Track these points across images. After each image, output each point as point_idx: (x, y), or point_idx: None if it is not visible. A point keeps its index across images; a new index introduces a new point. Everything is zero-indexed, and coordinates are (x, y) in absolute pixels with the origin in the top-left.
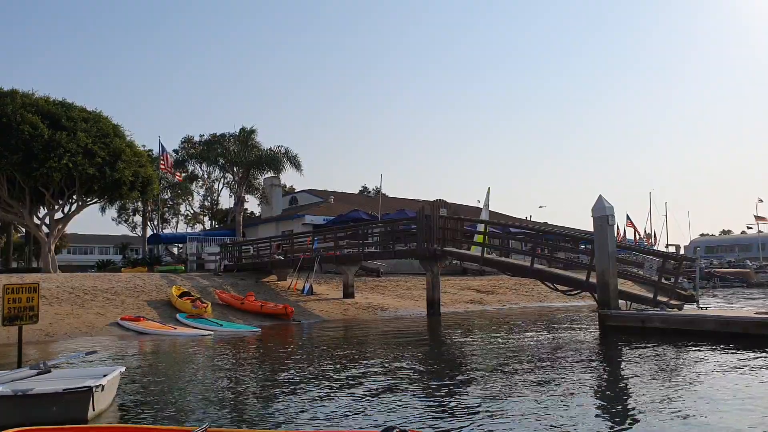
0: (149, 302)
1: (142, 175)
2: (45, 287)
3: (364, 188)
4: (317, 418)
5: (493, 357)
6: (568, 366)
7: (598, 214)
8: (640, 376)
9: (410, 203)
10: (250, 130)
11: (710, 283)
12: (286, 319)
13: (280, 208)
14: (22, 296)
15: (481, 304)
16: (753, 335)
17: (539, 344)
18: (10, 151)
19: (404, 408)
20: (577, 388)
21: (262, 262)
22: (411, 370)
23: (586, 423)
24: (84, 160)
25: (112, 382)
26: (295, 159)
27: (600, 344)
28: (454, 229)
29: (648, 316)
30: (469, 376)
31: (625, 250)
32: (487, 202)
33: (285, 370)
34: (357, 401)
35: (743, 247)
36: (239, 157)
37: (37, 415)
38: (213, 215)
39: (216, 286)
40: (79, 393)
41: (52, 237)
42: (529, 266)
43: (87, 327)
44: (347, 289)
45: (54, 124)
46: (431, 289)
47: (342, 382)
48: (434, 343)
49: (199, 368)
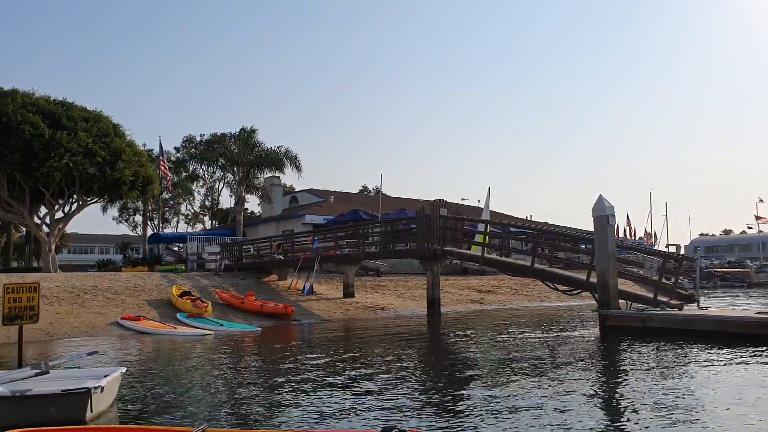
0: (149, 302)
1: (142, 174)
2: (45, 287)
3: (364, 188)
4: (317, 418)
5: (493, 357)
6: (568, 366)
7: (598, 213)
8: (640, 375)
9: (410, 203)
10: (251, 129)
11: (710, 283)
12: (286, 319)
13: (281, 208)
14: (22, 296)
15: (482, 303)
16: (753, 335)
17: (539, 344)
18: (11, 151)
19: (404, 408)
20: (577, 387)
21: (262, 262)
22: (411, 369)
23: (585, 423)
24: (84, 160)
25: (112, 382)
26: (295, 159)
27: (600, 344)
28: (454, 228)
29: (648, 316)
30: (469, 375)
31: (626, 249)
32: (487, 202)
33: (285, 369)
34: (357, 401)
35: (743, 246)
36: (240, 157)
37: (35, 416)
38: (213, 215)
39: (216, 285)
40: (77, 394)
41: (53, 236)
42: (530, 266)
43: (87, 326)
44: (347, 289)
45: (54, 124)
46: (431, 289)
47: (342, 382)
48: (434, 343)
49: (200, 368)
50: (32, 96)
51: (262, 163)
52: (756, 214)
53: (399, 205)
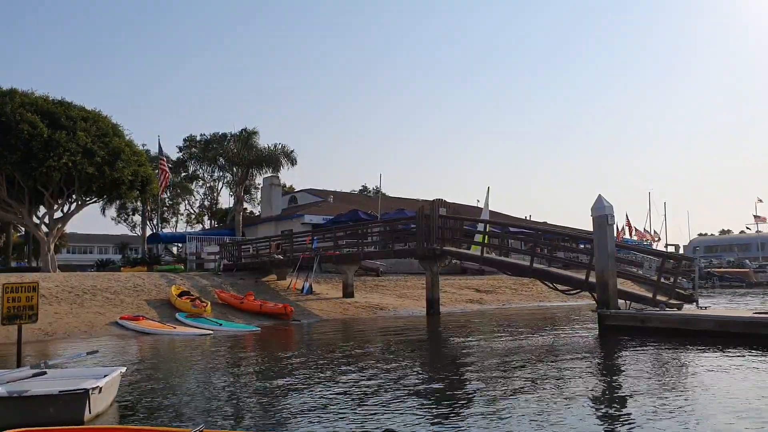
0: (149, 301)
1: (141, 174)
2: (44, 286)
3: (364, 188)
4: (316, 419)
5: (492, 356)
6: (567, 365)
7: (597, 213)
8: (639, 375)
9: (410, 203)
10: (252, 131)
11: (709, 283)
12: (285, 319)
13: (280, 208)
14: (21, 295)
15: (481, 303)
16: (752, 335)
17: (538, 344)
18: (10, 151)
19: (403, 408)
20: (576, 387)
21: (261, 262)
22: (410, 370)
23: (585, 423)
24: (83, 160)
25: (111, 383)
26: (290, 154)
27: (599, 344)
28: (453, 228)
29: (647, 316)
30: (468, 375)
31: (625, 249)
32: (487, 202)
33: (284, 370)
34: (356, 402)
35: (742, 246)
36: (239, 157)
37: (33, 416)
38: (213, 215)
39: (215, 285)
40: (75, 394)
41: (52, 236)
42: (529, 266)
43: (86, 326)
44: (347, 289)
45: (53, 124)
46: (430, 289)
47: (341, 383)
48: (433, 343)
49: (199, 368)
50: (31, 96)
51: (261, 163)
52: (755, 214)
53: (398, 205)
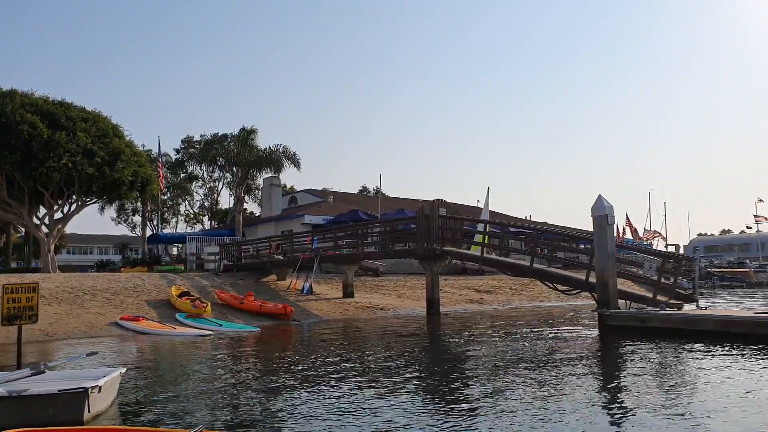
0: (149, 302)
1: (141, 174)
2: (44, 287)
3: (364, 188)
4: (316, 419)
5: (493, 357)
6: (567, 365)
7: (597, 213)
8: (639, 375)
9: (410, 203)
10: (251, 130)
11: (709, 283)
12: (285, 319)
13: (280, 208)
14: (21, 296)
15: (481, 303)
16: (752, 335)
17: (538, 344)
18: (10, 151)
19: (403, 409)
20: (577, 387)
21: (261, 262)
22: (410, 370)
23: (585, 423)
24: (83, 160)
25: (111, 383)
26: (293, 156)
27: (600, 344)
28: (453, 228)
29: (648, 316)
30: (468, 375)
31: (625, 249)
32: (487, 202)
33: (284, 370)
34: (356, 402)
35: (742, 246)
36: (239, 158)
37: (33, 416)
38: (213, 215)
39: (215, 285)
40: (74, 394)
41: (52, 237)
42: (529, 266)
43: (86, 327)
44: (347, 289)
45: (53, 124)
46: (431, 289)
47: (341, 383)
48: (433, 343)
49: (199, 368)
50: (31, 96)
51: (261, 163)
52: (755, 214)
53: (398, 205)
